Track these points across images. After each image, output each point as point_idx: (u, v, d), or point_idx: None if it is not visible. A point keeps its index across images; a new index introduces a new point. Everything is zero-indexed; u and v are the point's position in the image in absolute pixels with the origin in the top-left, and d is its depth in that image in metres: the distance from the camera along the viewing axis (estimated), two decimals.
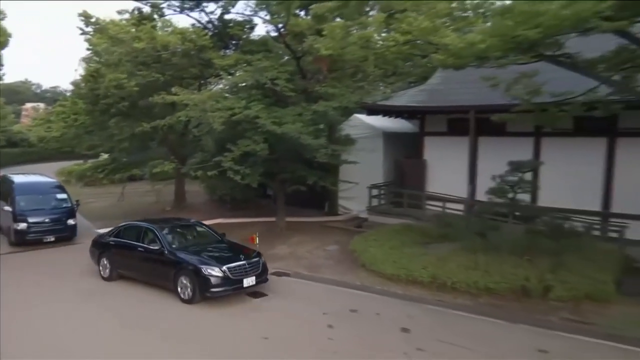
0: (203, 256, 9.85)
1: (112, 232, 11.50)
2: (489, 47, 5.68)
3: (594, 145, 12.45)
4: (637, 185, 11.69)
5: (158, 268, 10.12)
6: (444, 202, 14.00)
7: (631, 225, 11.40)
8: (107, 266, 10.96)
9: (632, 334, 7.74)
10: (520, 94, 9.17)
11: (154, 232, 10.48)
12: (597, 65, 7.96)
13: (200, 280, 9.26)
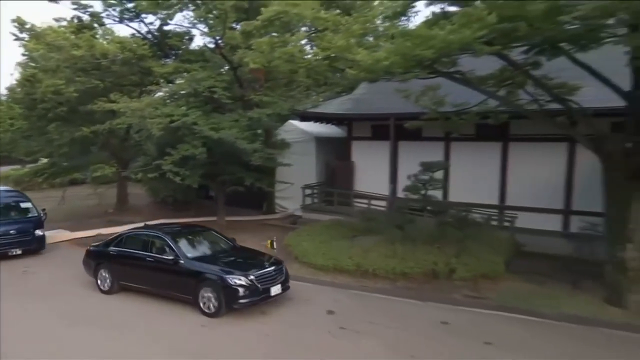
0: (225, 265, 8.70)
1: (111, 242, 10.02)
2: (392, 63, 6.31)
3: (492, 148, 13.66)
4: (524, 182, 13.07)
5: (173, 279, 8.79)
6: (370, 199, 14.79)
7: (520, 216, 12.80)
8: (107, 278, 9.60)
9: (516, 304, 8.69)
10: (428, 104, 10.00)
11: (165, 240, 9.14)
12: (486, 82, 8.93)
13: (227, 291, 8.09)
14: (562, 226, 12.71)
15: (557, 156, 12.60)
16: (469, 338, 7.48)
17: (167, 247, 9.03)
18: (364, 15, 7.48)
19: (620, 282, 8.25)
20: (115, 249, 9.76)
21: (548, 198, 12.75)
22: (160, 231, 9.66)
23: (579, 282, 9.31)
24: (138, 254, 9.37)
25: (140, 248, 9.44)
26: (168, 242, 9.09)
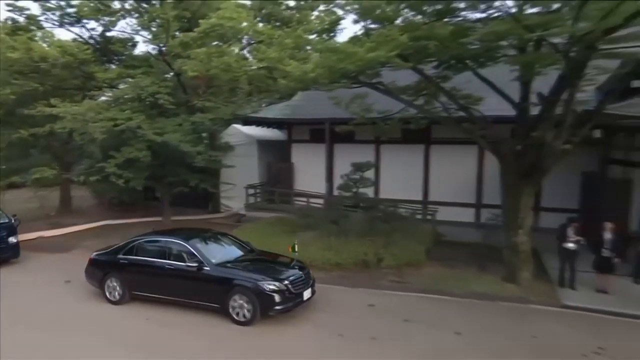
0: (255, 270, 8.08)
1: (119, 250, 8.97)
2: (319, 75, 6.78)
3: (416, 150, 14.56)
4: (444, 180, 14.13)
5: (197, 287, 8.03)
6: (309, 197, 15.26)
7: (440, 210, 13.82)
8: (117, 288, 8.66)
9: (433, 286, 9.47)
10: (357, 111, 10.59)
11: (186, 246, 8.31)
12: (405, 92, 9.66)
13: (262, 297, 7.50)
14: (474, 218, 13.85)
15: (470, 157, 13.71)
16: (391, 317, 8.10)
17: (188, 254, 8.20)
18: (295, 30, 7.83)
19: (514, 263, 9.26)
20: (126, 257, 8.76)
21: (463, 193, 13.86)
22: (178, 237, 8.74)
23: (485, 265, 10.27)
24: (154, 262, 8.46)
25: (157, 255, 8.51)
26: (190, 249, 8.26)
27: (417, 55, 8.19)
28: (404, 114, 10.17)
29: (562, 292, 9.07)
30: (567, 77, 7.32)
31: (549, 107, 7.84)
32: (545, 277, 9.89)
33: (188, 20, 13.10)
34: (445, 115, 9.47)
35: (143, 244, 8.85)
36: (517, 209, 8.99)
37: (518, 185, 8.86)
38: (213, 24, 8.64)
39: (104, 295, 8.83)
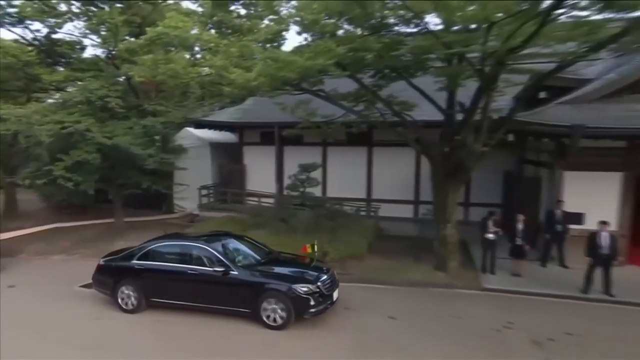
0: (285, 273, 7.68)
1: (131, 255, 8.26)
2: (261, 83, 7.00)
3: (360, 152, 15.08)
4: (385, 179, 14.77)
5: (224, 292, 7.50)
6: (260, 197, 15.40)
7: (382, 207, 14.46)
8: (132, 295, 7.99)
9: (372, 277, 9.93)
10: (302, 115, 10.90)
11: (209, 250, 7.78)
12: (346, 98, 10.10)
13: (296, 301, 7.14)
14: (413, 213, 14.57)
15: (409, 158, 14.41)
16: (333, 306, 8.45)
17: (212, 258, 7.69)
18: (240, 39, 8.00)
19: (443, 253, 9.94)
20: (141, 262, 8.08)
21: (403, 191, 14.56)
22: (199, 241, 8.16)
23: (420, 256, 10.88)
24: (174, 267, 7.83)
25: (177, 260, 7.90)
26: (214, 253, 7.74)
27: (355, 65, 8.62)
28: (346, 118, 10.58)
29: (484, 277, 9.85)
30: (482, 88, 8.01)
31: (468, 114, 8.53)
32: (471, 265, 10.70)
33: (139, 25, 12.81)
34: (381, 120, 9.98)
35: (160, 249, 8.17)
36: (445, 205, 9.66)
37: (445, 183, 9.52)
38: (159, 32, 8.58)
39: (117, 304, 8.11)
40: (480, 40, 6.80)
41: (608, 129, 8.75)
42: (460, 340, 6.96)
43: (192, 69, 8.34)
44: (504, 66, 7.71)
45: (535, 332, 7.24)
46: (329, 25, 7.78)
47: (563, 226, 10.20)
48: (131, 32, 12.64)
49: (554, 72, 8.14)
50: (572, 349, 6.73)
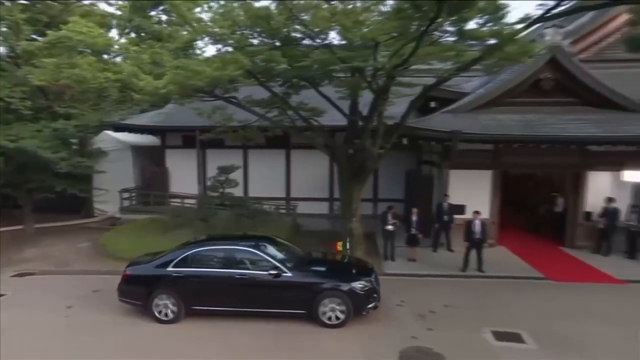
0: (337, 272, 7.49)
1: (168, 261, 7.39)
2: (170, 91, 6.93)
3: (279, 154, 15.34)
4: (302, 179, 15.19)
5: (278, 295, 7.04)
6: (183, 199, 14.98)
7: (300, 205, 14.87)
8: (171, 305, 7.20)
9: None
10: (219, 120, 10.86)
11: (257, 253, 7.27)
12: (260, 105, 10.28)
13: (355, 298, 6.96)
14: (328, 210, 15.17)
15: (323, 159, 14.71)
16: None
17: (262, 261, 7.21)
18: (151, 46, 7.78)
19: (351, 244, 10.54)
20: (179, 269, 7.26)
21: (319, 190, 15.08)
22: (243, 244, 7.60)
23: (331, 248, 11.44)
24: (220, 272, 7.17)
25: (220, 266, 7.25)
26: (263, 255, 7.27)
27: (265, 75, 8.83)
28: (261, 123, 10.75)
29: (385, 264, 10.62)
30: (375, 98, 8.68)
31: (366, 120, 9.17)
32: (376, 253, 11.42)
33: (46, 25, 11.74)
34: (291, 125, 10.32)
35: (199, 254, 7.42)
36: (350, 201, 10.25)
37: (350, 182, 10.12)
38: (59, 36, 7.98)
39: (152, 315, 7.30)
40: (370, 57, 7.38)
41: (479, 134, 9.93)
42: (361, 318, 7.42)
43: (101, 74, 7.86)
44: (394, 79, 8.42)
45: (421, 307, 8.01)
46: (238, 38, 7.89)
47: (449, 216, 11.36)
48: (37, 31, 11.55)
49: (434, 86, 9.06)
50: (448, 318, 7.59)
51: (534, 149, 10.68)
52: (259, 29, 8.34)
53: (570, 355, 6.28)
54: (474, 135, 9.79)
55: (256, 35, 8.74)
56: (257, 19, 7.87)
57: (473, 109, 11.04)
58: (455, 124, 10.17)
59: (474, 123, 10.43)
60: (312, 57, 7.74)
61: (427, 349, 6.46)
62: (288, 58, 8.32)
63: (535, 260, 10.66)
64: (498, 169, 11.43)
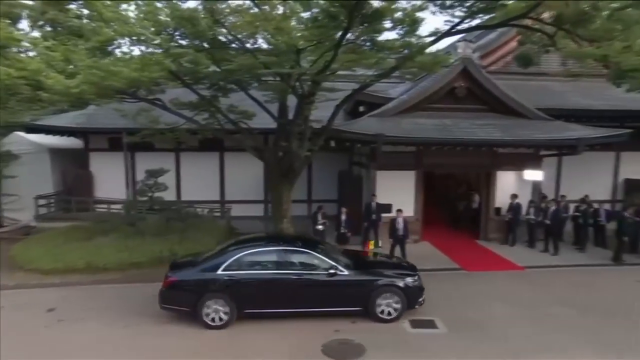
0: (392, 268, 7.82)
1: (217, 264, 7.11)
2: (82, 91, 6.61)
3: (213, 157, 15.17)
4: (237, 181, 15.13)
5: (335, 293, 7.17)
6: (109, 204, 14.19)
7: (235, 207, 14.79)
8: (222, 309, 6.99)
9: None
10: (145, 122, 10.50)
11: (311, 253, 7.28)
12: (189, 107, 10.11)
13: (410, 293, 7.31)
14: (263, 212, 15.25)
15: (258, 161, 14.85)
16: None
17: (316, 261, 7.23)
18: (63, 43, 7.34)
19: None
20: (231, 272, 7.06)
21: (253, 192, 15.11)
22: (294, 244, 7.56)
23: None
24: (275, 274, 7.10)
25: (273, 267, 7.15)
26: (319, 256, 7.29)
27: (193, 77, 8.73)
28: (190, 126, 10.57)
29: None
30: (300, 102, 8.97)
31: (291, 123, 9.43)
32: None
33: None
34: (219, 128, 10.29)
35: (250, 257, 7.23)
36: (280, 202, 10.43)
37: (280, 183, 10.30)
38: None
39: (202, 320, 7.06)
40: (294, 63, 7.63)
41: (400, 137, 10.64)
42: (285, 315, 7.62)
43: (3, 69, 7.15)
44: (318, 85, 8.76)
45: None
46: (162, 39, 7.74)
47: (377, 215, 11.97)
48: None
49: (357, 91, 9.58)
50: None
51: (450, 150, 11.66)
52: (184, 30, 8.24)
53: (474, 335, 6.99)
54: (396, 138, 10.47)
55: (182, 37, 8.62)
56: (181, 21, 7.77)
57: (396, 114, 11.79)
58: (380, 128, 10.80)
59: (397, 126, 11.15)
60: (237, 60, 7.80)
61: (348, 341, 6.82)
62: (216, 61, 8.31)
63: (453, 253, 11.62)
64: (420, 169, 12.29)
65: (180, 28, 8.19)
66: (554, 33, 7.61)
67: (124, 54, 8.67)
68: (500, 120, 12.10)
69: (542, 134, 11.48)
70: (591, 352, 6.41)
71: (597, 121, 13.62)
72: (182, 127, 10.49)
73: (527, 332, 7.07)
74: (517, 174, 12.69)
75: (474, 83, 12.01)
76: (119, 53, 8.82)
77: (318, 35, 6.75)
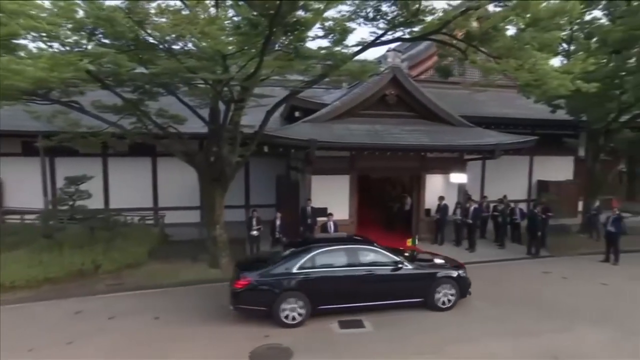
0: (443, 262, 8.51)
1: (292, 265, 7.42)
2: None
3: (145, 162, 14.53)
4: (171, 187, 14.60)
5: (397, 287, 7.79)
6: (22, 214, 13.01)
7: (170, 214, 14.26)
8: (298, 307, 7.32)
9: (149, 282, 9.75)
10: (62, 125, 9.81)
11: (378, 250, 7.90)
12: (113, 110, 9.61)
13: (462, 284, 8.15)
14: (199, 218, 14.84)
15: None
16: (96, 318, 7.94)
17: (383, 257, 7.83)
18: None
19: (215, 251, 10.53)
20: (306, 271, 7.40)
21: (188, 198, 14.66)
22: (359, 242, 8.25)
23: (197, 256, 11.22)
24: (348, 270, 7.55)
25: (343, 263, 7.60)
26: (385, 252, 7.93)
27: (115, 79, 8.33)
28: (115, 130, 10.05)
29: None
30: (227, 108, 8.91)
31: (220, 129, 9.33)
32: None
33: None
34: (146, 132, 9.91)
35: (322, 255, 7.60)
36: (212, 208, 10.27)
37: (212, 189, 10.13)
38: None
39: (278, 320, 7.30)
40: (221, 68, 7.57)
41: (332, 142, 10.92)
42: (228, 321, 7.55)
43: None
44: (248, 90, 8.76)
45: None
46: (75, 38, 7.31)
47: (313, 219, 12.16)
48: None
49: (288, 97, 9.71)
50: None
51: (382, 155, 12.17)
52: (103, 30, 7.84)
53: (396, 331, 7.34)
54: (328, 143, 10.73)
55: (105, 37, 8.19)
56: (98, 20, 7.39)
57: (330, 119, 12.09)
58: (313, 133, 11.02)
59: (330, 132, 11.44)
60: (161, 64, 7.55)
61: (276, 345, 6.87)
62: (143, 62, 8.00)
63: None
64: (354, 173, 12.70)
65: (97, 28, 7.79)
66: (465, 48, 8.30)
67: (41, 50, 8.07)
68: (428, 126, 12.86)
69: (465, 139, 12.38)
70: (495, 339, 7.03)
71: (513, 128, 15.02)
72: (107, 131, 9.91)
73: (445, 326, 7.57)
74: (444, 177, 13.56)
75: (404, 91, 12.67)
76: (35, 49, 8.18)
77: (242, 42, 6.76)
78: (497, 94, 15.08)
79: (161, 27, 6.89)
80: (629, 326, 7.60)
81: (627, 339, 7.11)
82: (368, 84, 12.23)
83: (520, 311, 8.23)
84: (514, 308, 8.39)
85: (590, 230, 14.16)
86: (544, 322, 7.72)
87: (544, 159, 17.23)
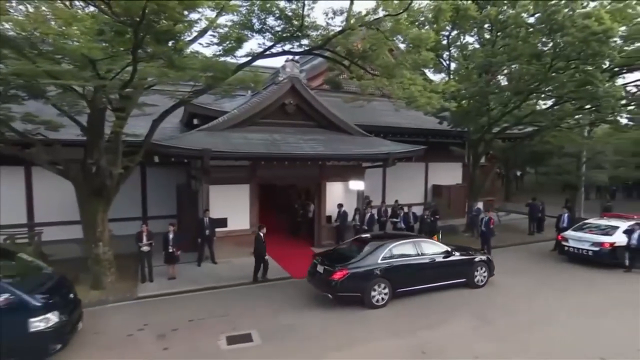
0: (471, 248, 11.04)
1: (377, 256, 9.13)
2: None
3: (16, 172, 12.76)
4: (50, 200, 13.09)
5: (447, 270, 9.86)
6: None
7: (49, 230, 12.79)
8: (383, 291, 9.02)
9: None
10: None
11: (433, 242, 10.30)
12: None
13: (491, 266, 10.53)
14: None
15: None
16: None
17: (437, 248, 9.91)
18: None
19: (98, 271, 9.74)
20: (388, 261, 9.19)
21: (71, 211, 13.21)
22: (419, 236, 10.73)
23: (79, 277, 10.19)
24: (417, 259, 9.49)
25: (413, 253, 9.50)
26: (438, 243, 10.21)
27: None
28: None
29: (142, 286, 10.25)
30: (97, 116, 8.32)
31: (98, 137, 8.68)
32: (134, 277, 10.86)
33: None
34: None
35: (398, 247, 9.43)
36: (94, 224, 9.47)
37: (92, 203, 9.35)
38: None
39: (369, 303, 8.89)
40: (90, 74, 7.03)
41: (227, 152, 10.79)
42: (91, 353, 6.96)
43: None
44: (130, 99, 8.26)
45: (164, 327, 8.08)
46: None
47: (211, 230, 11.88)
48: None
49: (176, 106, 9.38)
50: (190, 331, 7.91)
51: (280, 163, 12.33)
52: None
53: (287, 341, 7.49)
54: (222, 153, 10.58)
55: None
56: None
57: (227, 128, 11.94)
58: (208, 142, 10.78)
59: (226, 141, 11.29)
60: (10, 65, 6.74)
61: None
62: None
63: (287, 262, 12.27)
64: (254, 182, 12.68)
65: None
66: (349, 64, 8.83)
67: None
68: (326, 135, 13.36)
69: (360, 148, 13.10)
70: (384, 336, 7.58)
71: (407, 137, 16.26)
72: None
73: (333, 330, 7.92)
74: (344, 184, 14.19)
75: (302, 100, 13.00)
76: None
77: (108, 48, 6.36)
78: (393, 104, 16.21)
79: (21, 23, 6.17)
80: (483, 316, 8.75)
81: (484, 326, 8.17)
82: (267, 93, 12.34)
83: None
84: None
85: (472, 229, 15.92)
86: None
87: (437, 165, 18.96)
